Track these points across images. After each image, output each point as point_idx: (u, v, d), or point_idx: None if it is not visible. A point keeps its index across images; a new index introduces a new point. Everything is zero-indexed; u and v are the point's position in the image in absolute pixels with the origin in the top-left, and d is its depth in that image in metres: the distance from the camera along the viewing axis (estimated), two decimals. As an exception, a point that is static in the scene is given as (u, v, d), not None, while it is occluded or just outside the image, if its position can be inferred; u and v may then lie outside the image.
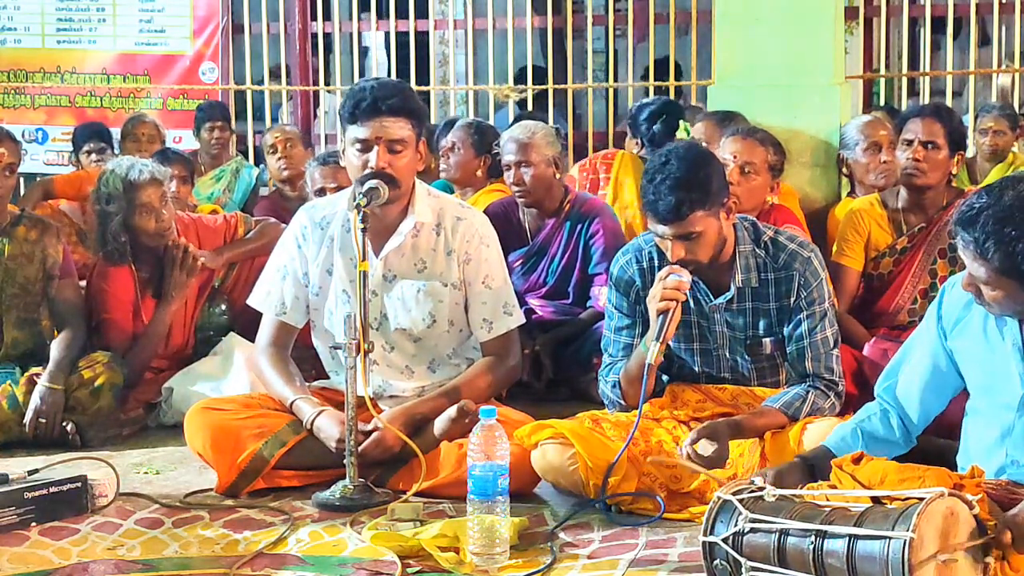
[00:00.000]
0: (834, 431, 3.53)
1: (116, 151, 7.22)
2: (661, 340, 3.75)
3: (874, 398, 4.38)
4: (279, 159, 6.76)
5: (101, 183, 5.05)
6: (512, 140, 5.40)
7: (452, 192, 6.00)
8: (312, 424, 4.04)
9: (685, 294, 3.78)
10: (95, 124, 7.70)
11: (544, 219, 5.42)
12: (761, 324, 3.92)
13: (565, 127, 8.45)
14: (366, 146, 4.05)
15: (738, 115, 5.94)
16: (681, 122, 6.37)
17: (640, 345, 3.89)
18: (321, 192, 5.29)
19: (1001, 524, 2.94)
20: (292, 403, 4.13)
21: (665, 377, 4.08)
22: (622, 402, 3.93)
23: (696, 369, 4.02)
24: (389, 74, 10.24)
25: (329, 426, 4.00)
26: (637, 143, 6.39)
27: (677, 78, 8.78)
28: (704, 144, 4.68)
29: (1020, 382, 3.20)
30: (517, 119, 7.34)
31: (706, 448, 3.64)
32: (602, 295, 5.13)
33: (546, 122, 6.30)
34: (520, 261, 5.40)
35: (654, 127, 6.30)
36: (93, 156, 7.11)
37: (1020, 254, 2.99)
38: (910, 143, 4.79)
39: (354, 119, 4.06)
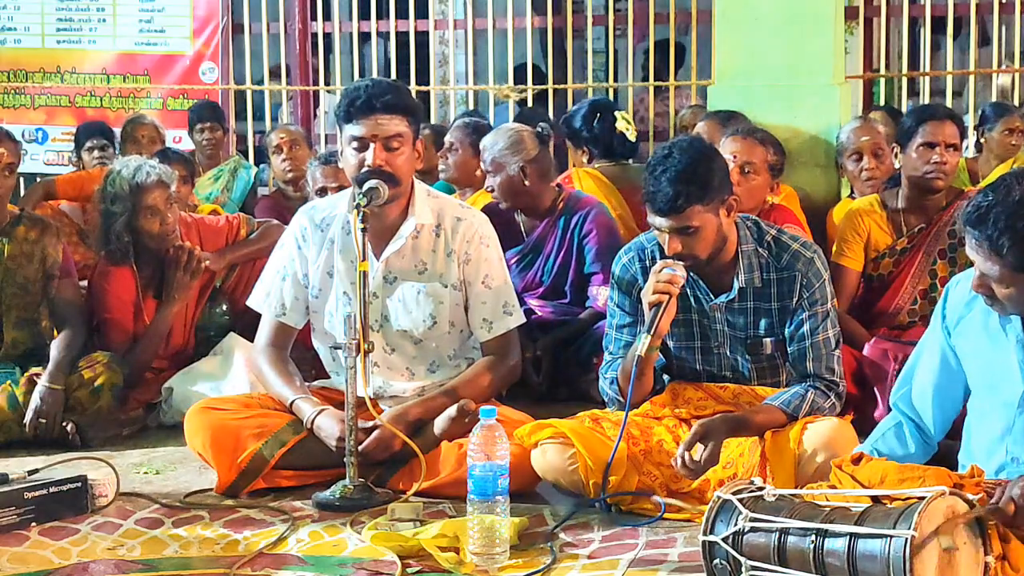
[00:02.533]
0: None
1: (118, 151, 7.21)
2: (652, 333, 3.74)
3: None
4: (284, 159, 6.75)
5: (107, 183, 5.05)
6: (482, 148, 5.41)
7: (453, 193, 5.99)
8: (312, 423, 4.04)
9: (680, 288, 3.77)
10: (98, 122, 7.71)
11: (539, 218, 5.41)
12: (762, 324, 3.92)
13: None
14: (362, 144, 4.05)
15: (739, 115, 5.93)
16: (616, 113, 6.37)
17: (636, 340, 3.89)
18: (323, 192, 5.29)
19: (1005, 495, 2.93)
20: (292, 403, 4.13)
21: (667, 376, 4.08)
22: (620, 399, 3.92)
23: (697, 368, 4.02)
24: (388, 73, 10.24)
25: (329, 425, 4.00)
26: (584, 153, 6.36)
27: (679, 60, 8.76)
28: None
29: (1021, 379, 3.20)
30: (518, 118, 7.33)
31: (698, 451, 3.65)
32: (601, 295, 5.12)
33: (546, 120, 6.27)
34: (515, 260, 5.39)
35: (593, 128, 6.29)
36: (96, 153, 7.12)
37: None
38: (932, 146, 4.77)
39: (349, 118, 4.06)
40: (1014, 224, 2.99)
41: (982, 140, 6.85)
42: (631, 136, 6.38)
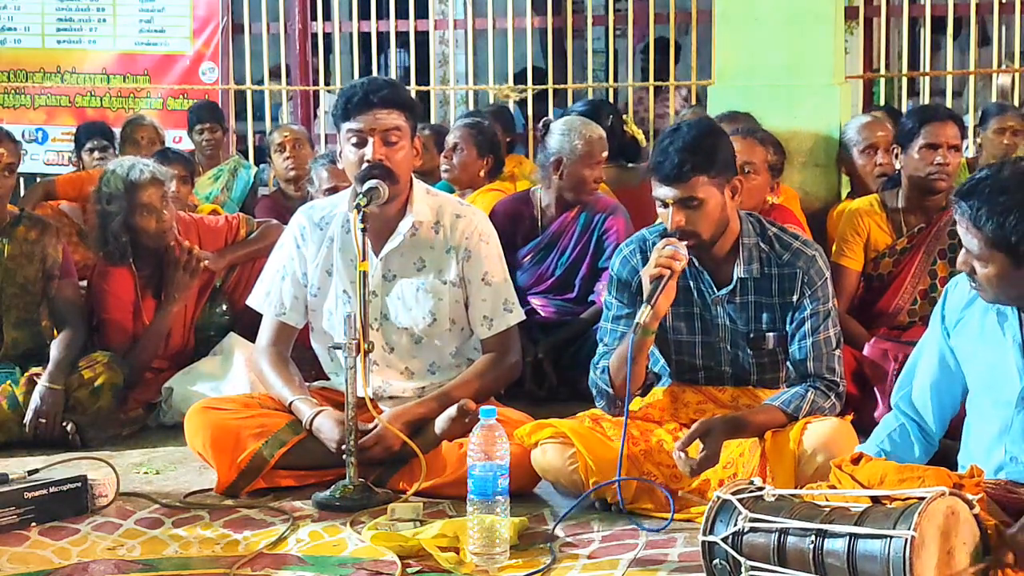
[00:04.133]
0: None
1: (118, 151, 7.21)
2: (652, 304, 3.73)
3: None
4: (287, 159, 6.74)
5: (102, 183, 5.06)
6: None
7: (452, 193, 5.99)
8: (311, 424, 4.04)
9: (681, 267, 3.75)
10: (98, 123, 7.70)
11: (560, 211, 5.43)
12: (764, 318, 3.91)
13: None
14: (361, 139, 4.05)
15: (747, 116, 5.91)
16: (626, 117, 6.36)
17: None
18: (333, 191, 5.27)
19: (1001, 545, 2.93)
20: (291, 404, 4.13)
21: (666, 379, 4.07)
22: (609, 390, 3.89)
23: (697, 363, 4.01)
24: (388, 73, 10.23)
25: (329, 427, 4.00)
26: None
27: (676, 58, 8.76)
28: None
29: (1019, 378, 3.21)
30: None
31: (697, 449, 3.65)
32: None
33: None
34: (530, 254, 5.42)
35: (608, 128, 6.28)
36: (96, 154, 7.12)
37: (1011, 225, 3.02)
38: (934, 147, 4.77)
39: (347, 115, 4.07)
40: (996, 197, 3.04)
41: (977, 140, 6.87)
42: (642, 140, 6.39)
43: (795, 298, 3.88)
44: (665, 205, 3.78)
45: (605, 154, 5.44)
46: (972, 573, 2.90)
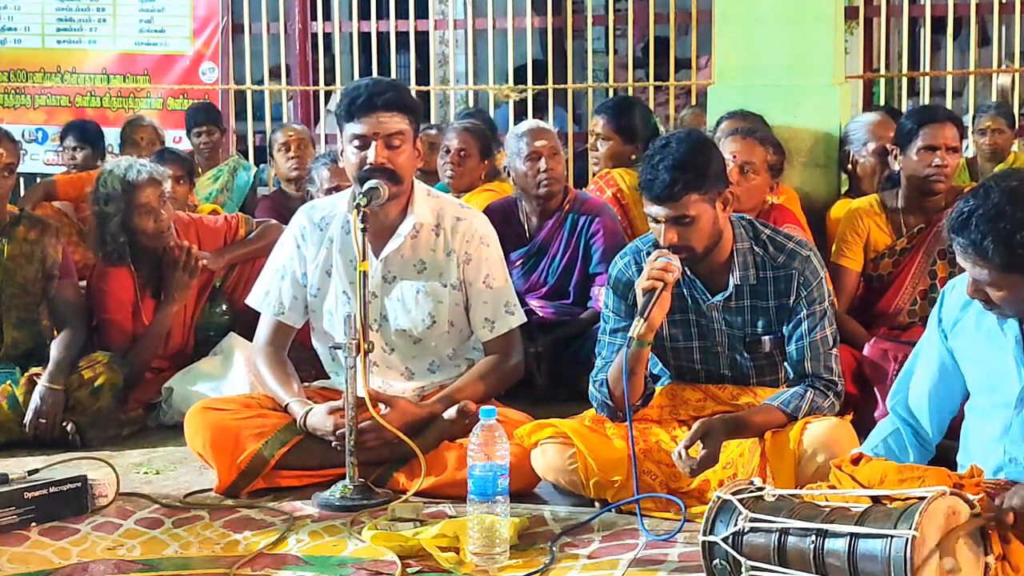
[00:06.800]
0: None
1: (113, 149, 7.21)
2: (645, 317, 3.72)
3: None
4: (290, 158, 6.74)
5: (99, 184, 5.06)
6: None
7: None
8: (304, 425, 4.04)
9: (675, 278, 3.75)
10: (77, 122, 7.69)
11: (544, 218, 5.41)
12: (760, 323, 3.91)
13: (565, 127, 8.45)
14: (364, 142, 4.05)
15: (758, 116, 5.89)
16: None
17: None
18: (335, 190, 5.27)
19: (1004, 505, 2.93)
20: (286, 406, 4.13)
21: (666, 379, 4.07)
22: (609, 403, 3.89)
23: (696, 367, 4.01)
24: (388, 73, 10.23)
25: (321, 421, 4.00)
26: (635, 149, 6.23)
27: (667, 57, 8.78)
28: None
29: (1019, 378, 3.20)
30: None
31: (698, 450, 3.64)
32: (602, 295, 5.12)
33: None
34: (520, 261, 5.40)
35: (648, 124, 6.26)
36: (68, 154, 7.13)
37: (1019, 245, 2.99)
38: (933, 149, 4.77)
39: (351, 116, 4.07)
40: (996, 225, 3.01)
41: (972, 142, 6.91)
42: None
43: (791, 300, 3.87)
44: (657, 221, 3.78)
45: (542, 143, 5.33)
46: (967, 531, 2.88)
